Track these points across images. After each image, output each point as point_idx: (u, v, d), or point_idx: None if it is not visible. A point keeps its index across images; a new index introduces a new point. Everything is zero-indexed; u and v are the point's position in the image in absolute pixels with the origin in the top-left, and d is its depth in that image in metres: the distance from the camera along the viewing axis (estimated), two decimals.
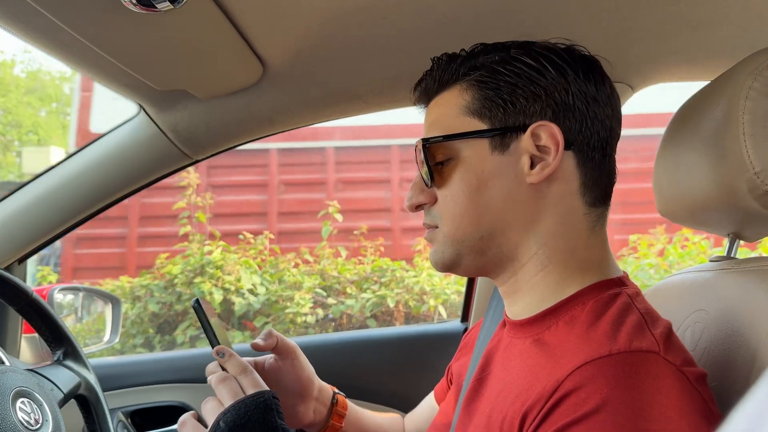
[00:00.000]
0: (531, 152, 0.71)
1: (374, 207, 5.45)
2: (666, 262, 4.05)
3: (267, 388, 0.80)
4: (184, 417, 0.82)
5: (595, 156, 0.73)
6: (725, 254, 0.89)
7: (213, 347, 0.87)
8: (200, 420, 0.82)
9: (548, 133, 0.70)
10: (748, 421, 0.19)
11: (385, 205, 5.48)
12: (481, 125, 0.73)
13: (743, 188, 0.71)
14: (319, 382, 1.01)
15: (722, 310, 0.77)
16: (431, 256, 0.79)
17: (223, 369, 0.84)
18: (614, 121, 0.75)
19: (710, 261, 0.89)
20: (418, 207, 0.79)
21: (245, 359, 0.93)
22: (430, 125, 0.78)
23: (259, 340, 0.95)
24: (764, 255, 0.82)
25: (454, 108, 0.75)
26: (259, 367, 0.96)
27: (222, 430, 0.75)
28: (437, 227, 0.77)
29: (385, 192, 5.53)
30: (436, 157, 0.75)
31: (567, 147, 0.71)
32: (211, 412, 0.78)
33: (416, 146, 0.77)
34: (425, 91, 0.81)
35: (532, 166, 0.71)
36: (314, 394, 0.98)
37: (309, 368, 0.99)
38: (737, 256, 0.88)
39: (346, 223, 4.79)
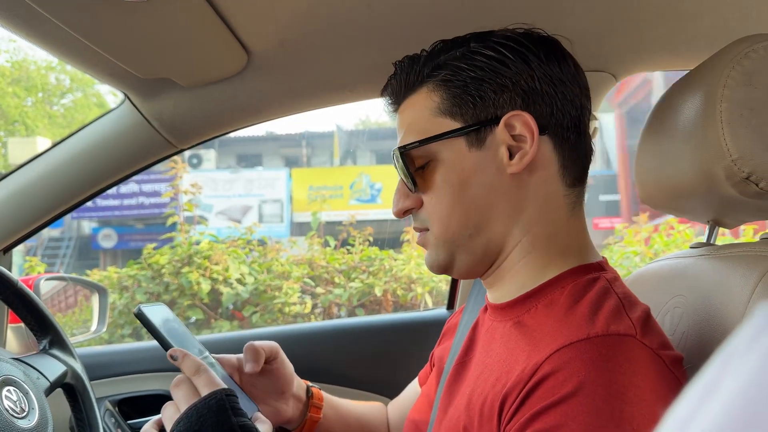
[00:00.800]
0: (507, 143, 0.72)
1: None
2: (651, 250, 4.08)
3: (222, 386, 0.76)
4: (146, 427, 0.80)
5: (571, 136, 0.74)
6: (705, 241, 0.90)
7: (166, 351, 0.83)
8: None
9: (521, 121, 0.71)
10: (698, 398, 0.19)
11: None
12: (454, 124, 0.73)
13: (721, 175, 0.72)
14: (296, 377, 1.00)
15: (700, 295, 0.78)
16: (426, 260, 0.79)
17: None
18: (583, 97, 0.75)
19: (690, 247, 0.90)
20: (405, 212, 0.79)
21: (220, 356, 0.90)
22: (405, 131, 0.77)
23: (248, 365, 0.90)
24: (745, 241, 0.83)
25: (425, 110, 0.75)
26: (232, 367, 0.92)
27: None
28: (428, 230, 0.77)
29: None
30: (416, 162, 0.75)
31: (542, 132, 0.72)
32: (168, 420, 0.75)
33: (393, 154, 0.76)
34: (393, 96, 0.80)
35: (511, 156, 0.72)
36: (293, 390, 0.98)
37: (290, 365, 0.99)
38: (717, 243, 0.89)
39: None
